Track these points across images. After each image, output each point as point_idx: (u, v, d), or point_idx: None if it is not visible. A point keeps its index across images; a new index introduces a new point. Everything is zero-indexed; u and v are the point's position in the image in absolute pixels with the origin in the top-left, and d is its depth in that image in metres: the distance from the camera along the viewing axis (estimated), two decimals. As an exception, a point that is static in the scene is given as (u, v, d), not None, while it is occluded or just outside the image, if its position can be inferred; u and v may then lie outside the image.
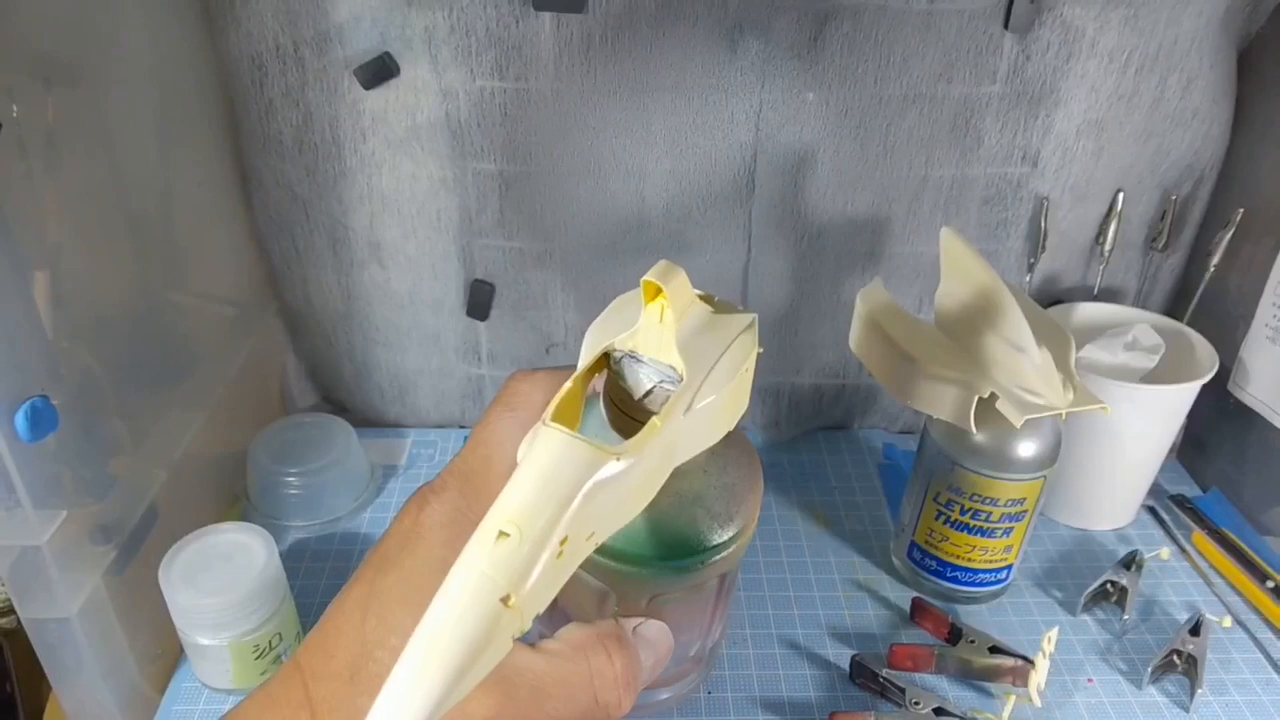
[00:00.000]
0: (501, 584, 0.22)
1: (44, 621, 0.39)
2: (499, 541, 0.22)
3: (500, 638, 0.22)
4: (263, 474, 0.55)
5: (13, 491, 0.36)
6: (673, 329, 0.26)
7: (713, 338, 0.27)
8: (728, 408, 0.27)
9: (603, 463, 0.23)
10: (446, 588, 0.23)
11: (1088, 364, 0.53)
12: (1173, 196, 0.56)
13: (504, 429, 0.29)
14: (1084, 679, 0.46)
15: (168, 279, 0.50)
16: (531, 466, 0.23)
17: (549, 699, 0.26)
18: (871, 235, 0.56)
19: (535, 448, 0.24)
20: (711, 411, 0.26)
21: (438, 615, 0.22)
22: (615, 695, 0.27)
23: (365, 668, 0.26)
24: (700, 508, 0.29)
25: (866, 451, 0.63)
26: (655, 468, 0.25)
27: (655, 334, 0.27)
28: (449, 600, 0.22)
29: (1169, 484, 0.60)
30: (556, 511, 0.22)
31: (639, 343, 0.27)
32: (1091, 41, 0.50)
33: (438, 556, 0.27)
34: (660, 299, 0.26)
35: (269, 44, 0.50)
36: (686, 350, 0.26)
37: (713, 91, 0.51)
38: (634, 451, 0.24)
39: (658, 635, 0.29)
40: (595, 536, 0.24)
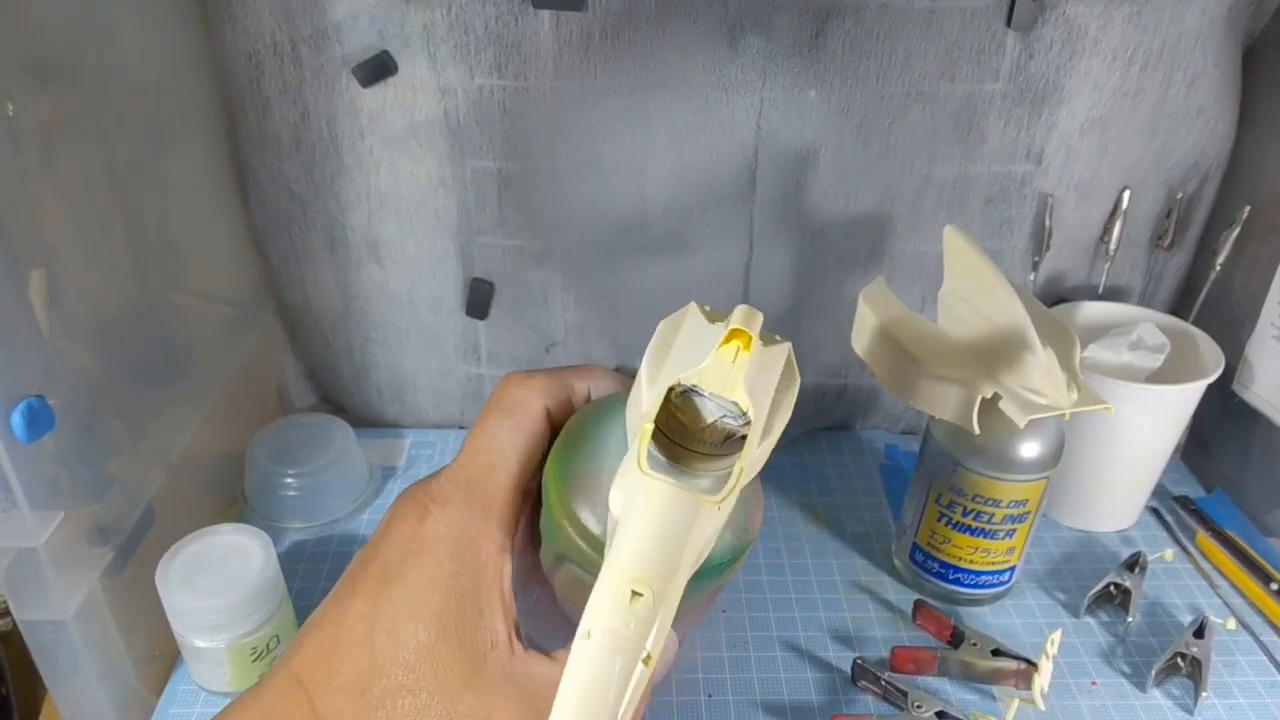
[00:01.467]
0: (641, 644, 0.22)
1: (40, 623, 0.39)
2: (634, 602, 0.23)
3: (639, 694, 0.22)
4: (261, 475, 0.55)
5: (9, 492, 0.35)
6: (744, 370, 0.26)
7: (766, 375, 0.27)
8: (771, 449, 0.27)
9: (705, 511, 0.24)
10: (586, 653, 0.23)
11: (1092, 364, 0.52)
12: (1178, 195, 0.55)
13: (504, 436, 0.29)
14: (1087, 682, 0.46)
15: (165, 278, 0.50)
16: (646, 520, 0.24)
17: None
18: (874, 234, 0.56)
19: (639, 499, 0.24)
20: (770, 446, 0.26)
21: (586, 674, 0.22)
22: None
23: (376, 683, 0.26)
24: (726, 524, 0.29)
25: (868, 452, 0.63)
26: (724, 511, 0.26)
27: (723, 372, 0.26)
28: (591, 666, 0.22)
29: (1173, 485, 0.59)
30: (680, 565, 0.23)
31: (705, 380, 0.26)
32: (1095, 39, 0.49)
33: (446, 570, 0.27)
34: (738, 342, 0.26)
35: (266, 42, 0.49)
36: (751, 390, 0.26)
37: (713, 89, 0.51)
38: (729, 498, 0.24)
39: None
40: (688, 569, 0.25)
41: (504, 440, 0.29)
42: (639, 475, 0.24)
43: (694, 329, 0.28)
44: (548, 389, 0.30)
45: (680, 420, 0.27)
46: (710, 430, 0.27)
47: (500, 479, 0.28)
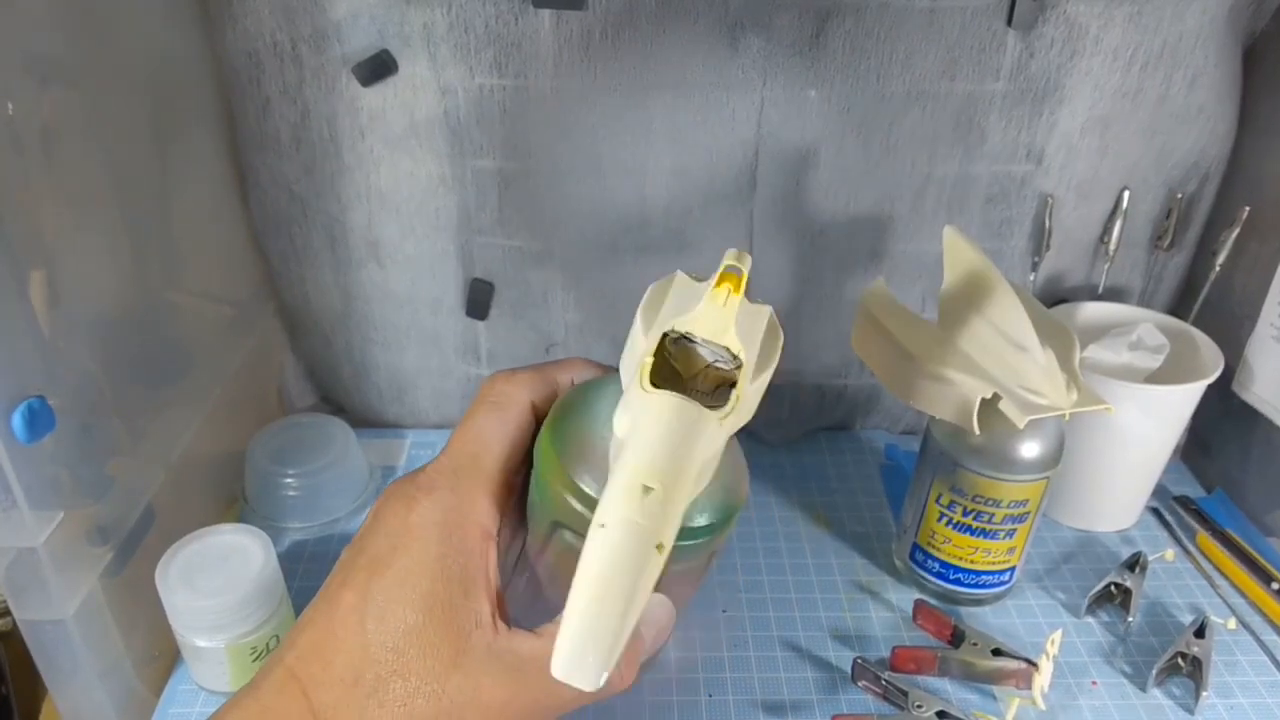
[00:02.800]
0: (654, 532, 0.23)
1: (40, 623, 0.39)
2: (647, 495, 0.23)
3: (652, 585, 0.23)
4: (261, 475, 0.55)
5: (9, 493, 0.35)
6: (734, 312, 0.27)
7: (751, 324, 0.28)
8: (760, 394, 0.29)
9: (709, 423, 0.25)
10: (603, 540, 0.23)
11: (1092, 364, 0.52)
12: (1178, 195, 0.55)
13: (490, 428, 0.30)
14: (1088, 681, 0.46)
15: (165, 278, 0.50)
16: (654, 426, 0.25)
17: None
18: (874, 234, 0.56)
19: (649, 408, 0.25)
20: (760, 390, 0.28)
21: (602, 560, 0.23)
22: (615, 673, 0.27)
23: (369, 670, 0.26)
24: (717, 481, 0.30)
25: (868, 452, 0.63)
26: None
27: (716, 317, 0.28)
28: (611, 549, 0.23)
29: (1173, 485, 0.59)
30: (684, 461, 0.24)
31: (696, 325, 0.28)
32: (1095, 38, 0.49)
33: (433, 555, 0.27)
34: (728, 284, 0.28)
35: (266, 41, 0.49)
36: (741, 335, 0.27)
37: (714, 89, 0.51)
38: (732, 415, 0.25)
39: (657, 608, 0.30)
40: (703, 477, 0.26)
41: (489, 432, 0.29)
42: (643, 394, 0.25)
43: (683, 287, 0.29)
44: (532, 384, 0.31)
45: (675, 369, 0.28)
46: (704, 376, 0.28)
47: (486, 467, 0.29)
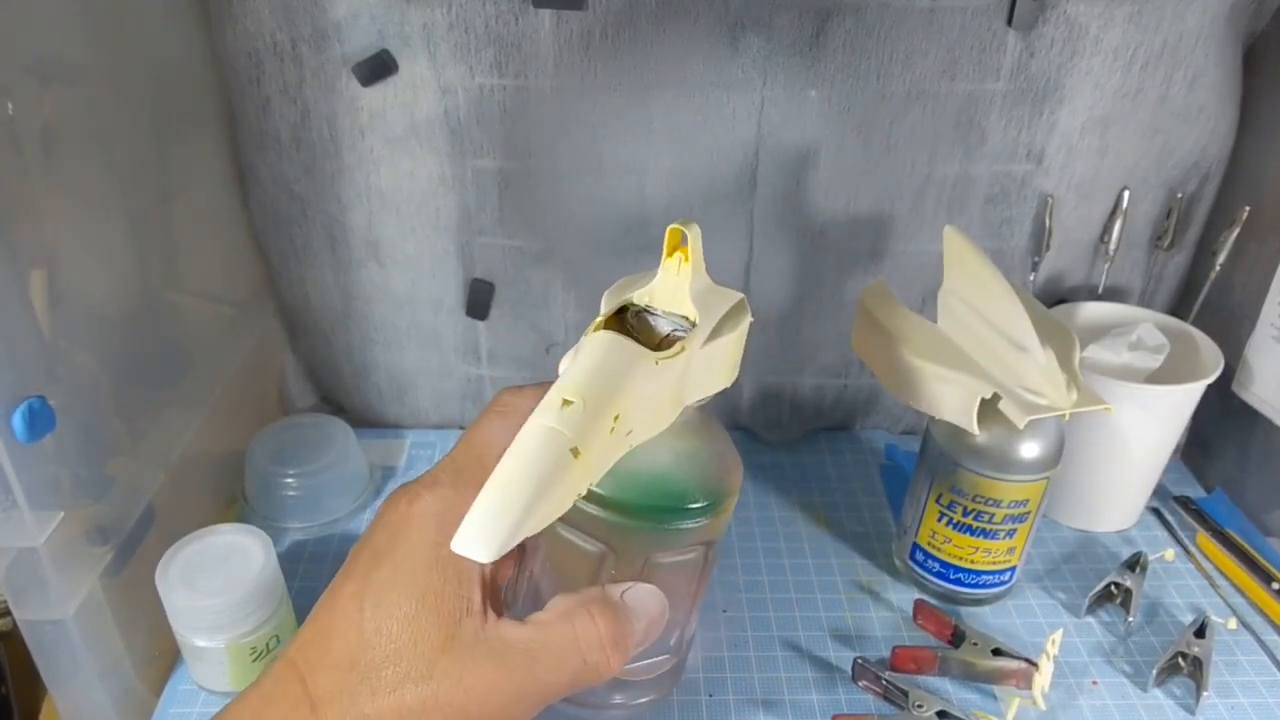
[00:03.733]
0: (570, 438, 0.24)
1: (40, 623, 0.39)
2: (565, 407, 0.25)
3: (567, 488, 0.24)
4: (261, 475, 0.55)
5: (10, 493, 0.35)
6: (688, 280, 0.29)
7: (714, 299, 0.30)
8: (728, 363, 0.30)
9: (645, 360, 0.26)
10: (518, 442, 0.25)
11: (1092, 364, 0.52)
12: (1178, 194, 0.55)
13: (495, 431, 0.30)
14: (1088, 681, 0.46)
15: (165, 278, 0.50)
16: (586, 355, 0.26)
17: (540, 665, 0.27)
18: (874, 234, 0.56)
19: (585, 345, 0.27)
20: (715, 359, 0.29)
21: (514, 457, 0.24)
22: (602, 655, 0.28)
23: (364, 656, 0.27)
24: (697, 465, 0.31)
25: (868, 452, 0.63)
26: (673, 392, 0.28)
27: (671, 286, 0.29)
28: (523, 447, 0.24)
29: (1173, 485, 0.59)
30: (612, 388, 0.25)
31: (655, 297, 0.30)
32: (1095, 38, 0.49)
33: (430, 544, 0.28)
34: (680, 251, 0.29)
35: (266, 41, 0.49)
36: (697, 302, 0.29)
37: (714, 88, 0.51)
38: (669, 359, 0.27)
39: (648, 598, 0.30)
40: (632, 435, 0.27)
41: (493, 435, 0.30)
42: (586, 337, 0.27)
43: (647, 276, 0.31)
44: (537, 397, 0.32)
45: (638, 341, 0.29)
46: (664, 345, 0.29)
47: (489, 467, 0.29)
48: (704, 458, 0.31)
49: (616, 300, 0.30)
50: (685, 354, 0.27)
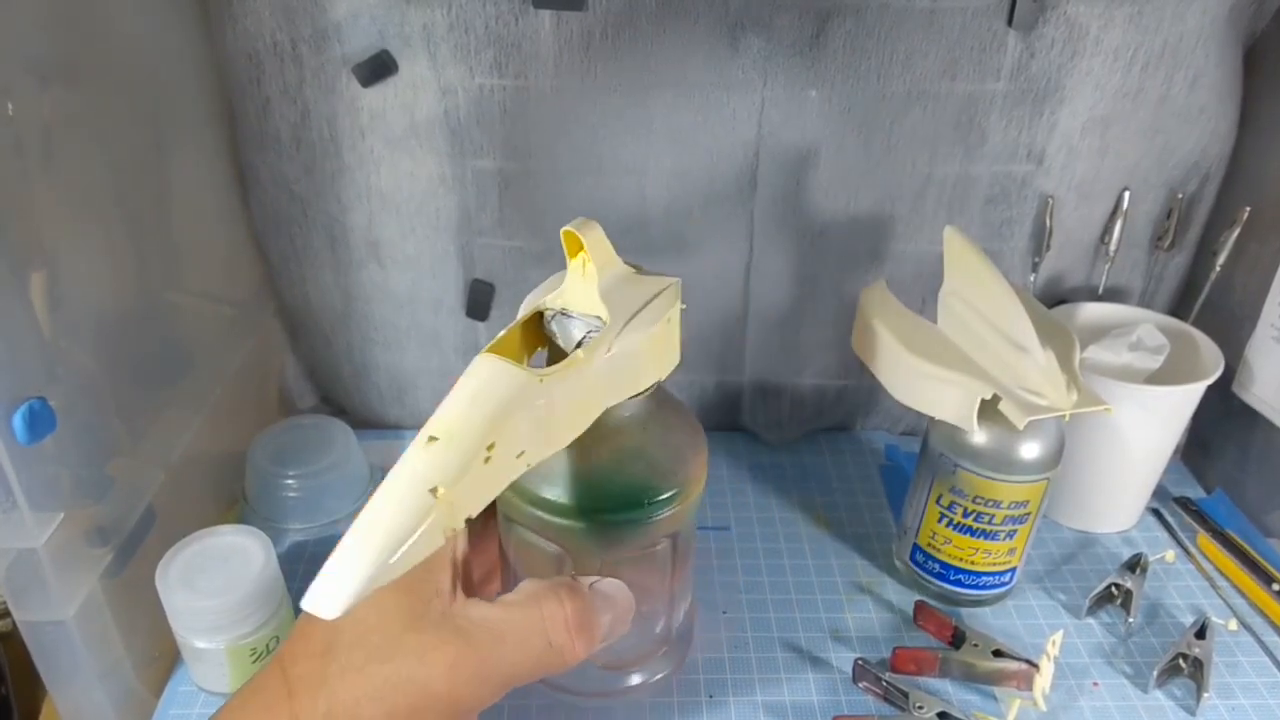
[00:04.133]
0: (430, 478, 0.24)
1: (40, 624, 0.39)
2: (429, 445, 0.25)
3: (430, 527, 0.24)
4: (261, 476, 0.54)
5: (10, 494, 0.35)
6: (595, 279, 0.29)
7: (635, 291, 0.30)
8: (654, 355, 0.30)
9: (528, 384, 0.26)
10: (384, 485, 0.25)
11: (1092, 364, 0.52)
12: (1179, 195, 0.55)
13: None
14: (1089, 682, 0.46)
15: (165, 279, 0.50)
16: (463, 385, 0.26)
17: (504, 645, 0.28)
18: (874, 234, 0.56)
19: (468, 371, 0.27)
20: (635, 355, 0.29)
21: (374, 505, 0.25)
22: (566, 637, 0.28)
23: (338, 640, 0.28)
24: (643, 462, 0.31)
25: (868, 453, 0.63)
26: (582, 401, 0.28)
27: (580, 287, 0.30)
28: (384, 492, 0.25)
29: (1173, 486, 0.59)
30: (483, 420, 0.25)
31: (568, 300, 0.30)
32: (1096, 39, 0.49)
33: None
34: (582, 253, 0.29)
35: (266, 41, 0.49)
36: (609, 299, 0.29)
37: (714, 89, 0.51)
38: (556, 376, 0.27)
39: (615, 590, 0.30)
40: (526, 455, 0.27)
41: None
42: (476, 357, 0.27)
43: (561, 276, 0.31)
44: None
45: (559, 348, 0.30)
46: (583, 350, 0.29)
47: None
48: (653, 454, 0.31)
49: (532, 305, 0.30)
50: (580, 363, 0.27)
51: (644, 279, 0.30)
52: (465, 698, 0.27)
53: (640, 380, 0.29)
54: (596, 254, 0.29)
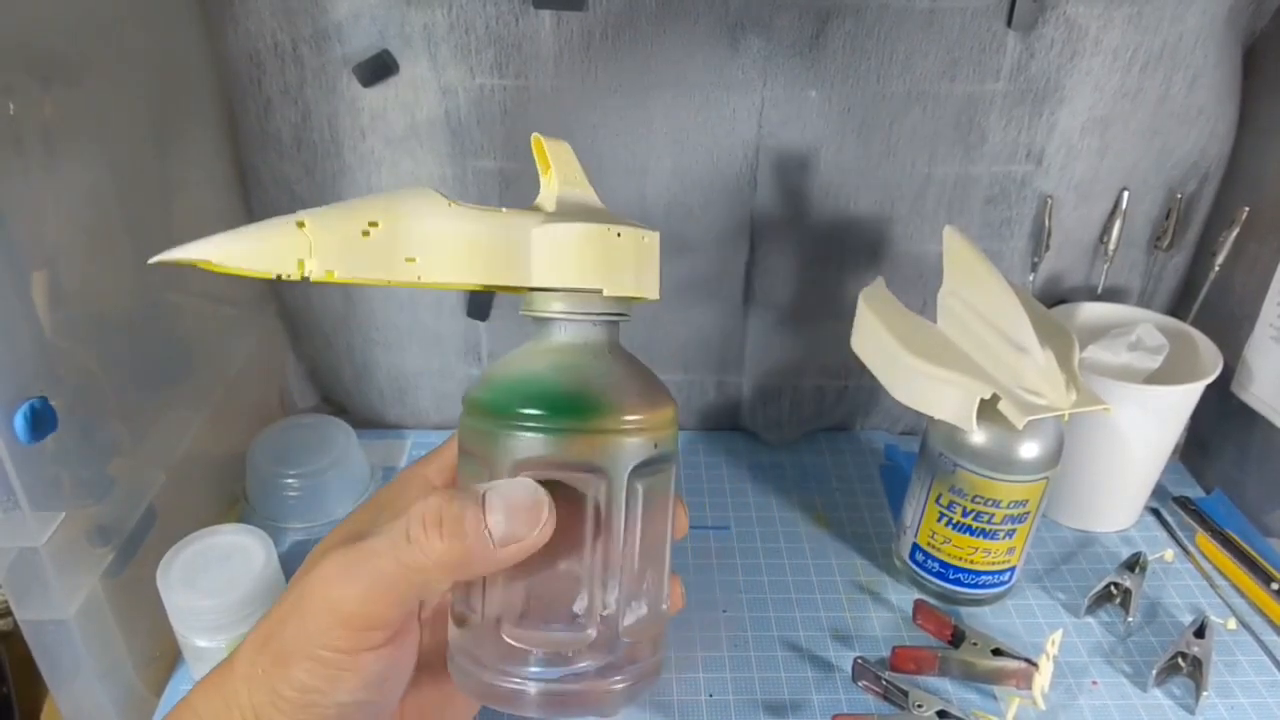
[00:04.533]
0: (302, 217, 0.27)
1: (41, 623, 0.39)
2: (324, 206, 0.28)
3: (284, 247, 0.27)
4: (262, 475, 0.55)
5: (11, 493, 0.35)
6: (554, 188, 0.31)
7: (602, 213, 0.31)
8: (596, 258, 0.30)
9: (434, 200, 0.29)
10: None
11: (1091, 364, 0.52)
12: (1178, 195, 0.55)
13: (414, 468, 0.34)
14: (1088, 681, 0.46)
15: (167, 279, 0.50)
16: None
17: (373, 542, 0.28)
18: (874, 234, 0.56)
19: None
20: (564, 241, 0.30)
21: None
22: (422, 530, 0.27)
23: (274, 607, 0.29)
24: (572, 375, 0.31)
25: (868, 452, 0.63)
26: (494, 245, 0.30)
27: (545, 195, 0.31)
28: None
29: (1172, 485, 0.59)
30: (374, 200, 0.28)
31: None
32: (1095, 39, 0.49)
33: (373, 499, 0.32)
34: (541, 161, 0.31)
35: (267, 41, 0.50)
36: (565, 202, 0.31)
37: (714, 89, 0.51)
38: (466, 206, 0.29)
39: (512, 487, 0.28)
40: (417, 267, 0.29)
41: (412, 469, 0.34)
42: None
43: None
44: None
45: None
46: None
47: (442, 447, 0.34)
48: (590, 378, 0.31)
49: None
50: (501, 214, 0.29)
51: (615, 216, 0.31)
52: (340, 598, 0.27)
53: (564, 274, 0.30)
54: (560, 166, 0.31)
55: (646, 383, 0.32)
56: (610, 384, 0.31)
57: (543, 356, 0.32)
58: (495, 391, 0.31)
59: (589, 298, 0.31)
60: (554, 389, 0.30)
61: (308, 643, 0.27)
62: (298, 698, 0.27)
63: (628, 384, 0.32)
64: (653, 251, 0.31)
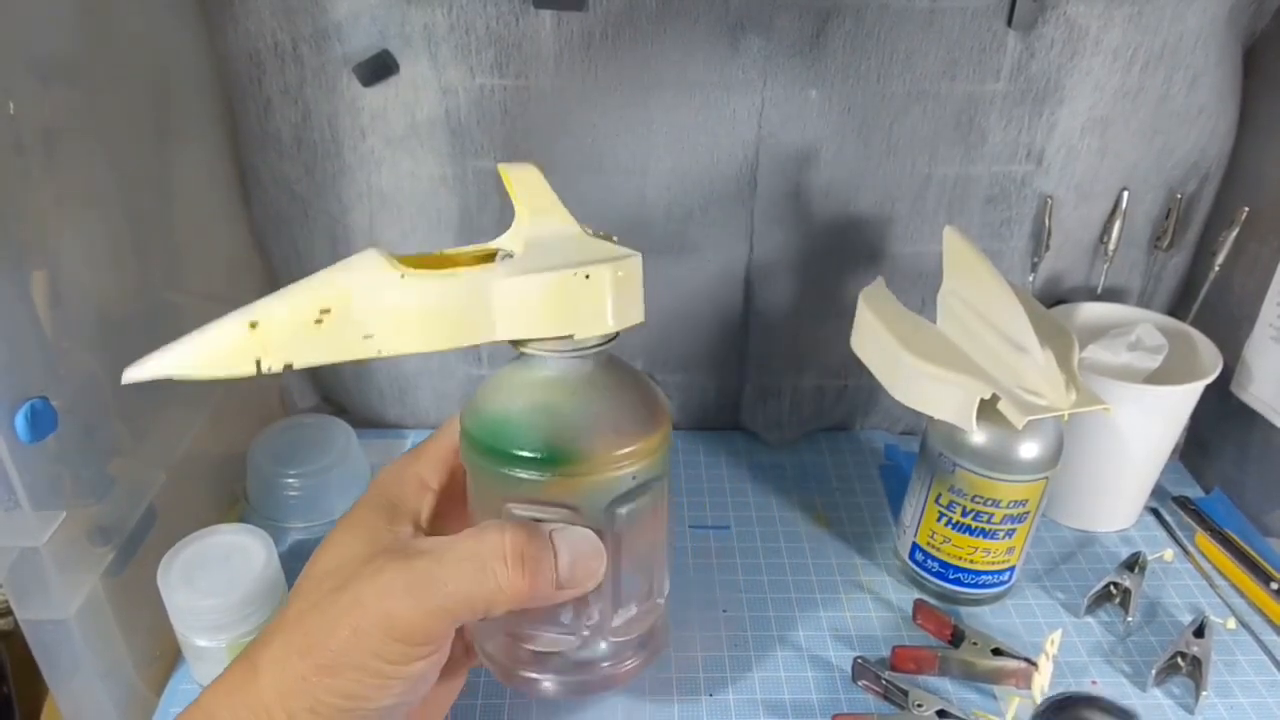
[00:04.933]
0: (254, 315, 0.28)
1: (41, 622, 0.39)
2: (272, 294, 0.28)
3: (238, 348, 0.28)
4: (262, 475, 0.55)
5: (12, 493, 0.35)
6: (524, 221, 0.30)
7: (574, 246, 0.30)
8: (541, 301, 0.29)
9: (385, 274, 0.28)
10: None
11: (1091, 364, 0.52)
12: (1178, 195, 0.55)
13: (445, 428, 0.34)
14: (1088, 681, 0.46)
15: (167, 279, 0.50)
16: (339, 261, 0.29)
17: (440, 566, 0.28)
18: (874, 234, 0.56)
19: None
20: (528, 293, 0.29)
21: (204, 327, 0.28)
22: (503, 566, 0.28)
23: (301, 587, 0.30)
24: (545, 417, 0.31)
25: (868, 452, 0.63)
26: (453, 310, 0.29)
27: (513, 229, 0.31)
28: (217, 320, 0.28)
29: (1172, 485, 0.59)
30: (320, 286, 0.28)
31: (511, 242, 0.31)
32: (1096, 39, 0.49)
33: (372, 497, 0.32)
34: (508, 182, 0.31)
35: (267, 41, 0.50)
36: (535, 241, 0.30)
37: (714, 89, 0.51)
38: (420, 277, 0.28)
39: (578, 537, 0.30)
40: (375, 341, 0.29)
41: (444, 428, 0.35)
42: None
43: None
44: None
45: None
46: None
47: (441, 434, 0.34)
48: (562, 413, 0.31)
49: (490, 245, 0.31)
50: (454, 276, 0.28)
51: (596, 242, 0.30)
52: (401, 616, 0.27)
53: (532, 325, 0.30)
54: (528, 196, 0.30)
55: (630, 412, 0.32)
56: (585, 426, 0.31)
57: (522, 393, 0.31)
58: (479, 426, 0.31)
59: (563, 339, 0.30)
60: (528, 436, 0.30)
61: (360, 654, 0.27)
62: (341, 704, 0.27)
63: (606, 420, 0.31)
64: (631, 280, 0.31)
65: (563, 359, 0.31)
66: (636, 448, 0.31)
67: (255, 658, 0.28)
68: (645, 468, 0.32)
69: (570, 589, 0.30)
